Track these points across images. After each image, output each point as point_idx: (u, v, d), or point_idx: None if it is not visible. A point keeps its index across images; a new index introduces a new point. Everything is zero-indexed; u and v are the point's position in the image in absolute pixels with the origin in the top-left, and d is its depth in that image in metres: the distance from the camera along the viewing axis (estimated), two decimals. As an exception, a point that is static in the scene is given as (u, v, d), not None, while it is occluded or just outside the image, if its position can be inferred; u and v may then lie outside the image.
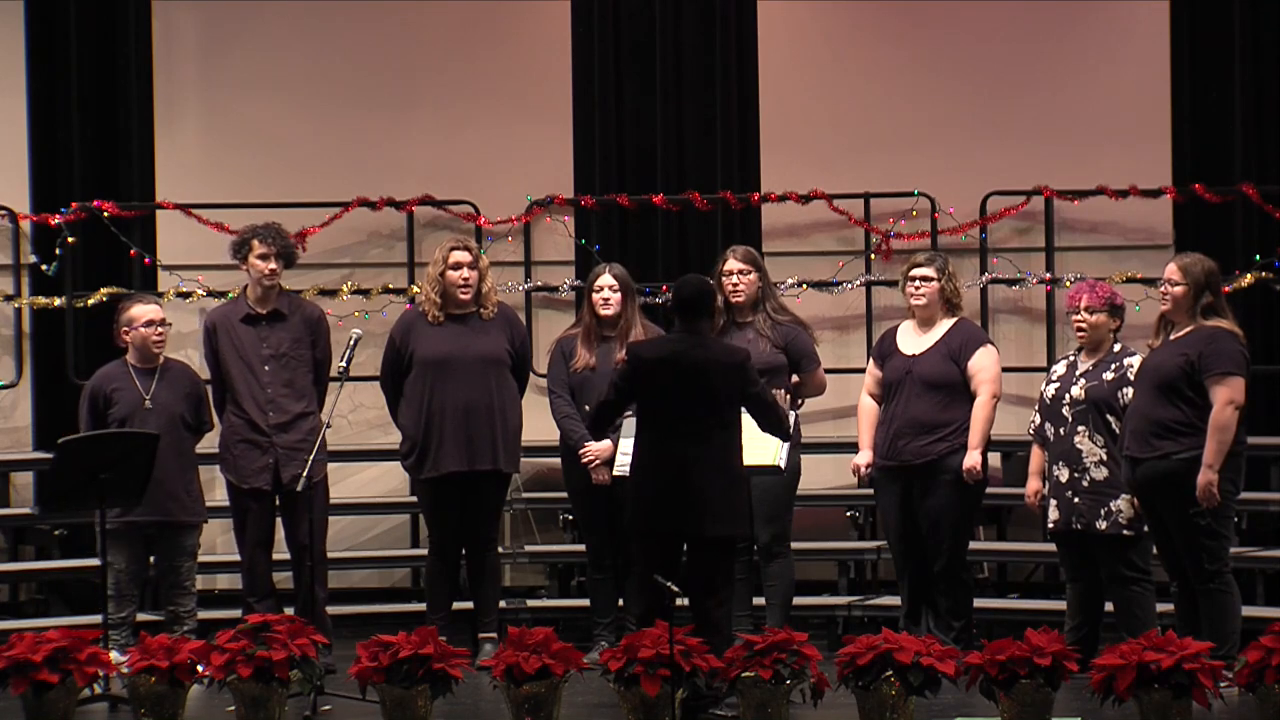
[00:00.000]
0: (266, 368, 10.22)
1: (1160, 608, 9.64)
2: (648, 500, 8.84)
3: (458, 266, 10.30)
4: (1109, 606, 9.70)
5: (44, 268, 12.13)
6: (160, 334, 10.25)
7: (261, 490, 10.22)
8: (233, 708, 8.80)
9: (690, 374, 8.80)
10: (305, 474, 9.82)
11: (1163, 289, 9.47)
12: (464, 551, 10.44)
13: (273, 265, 10.21)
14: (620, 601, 10.50)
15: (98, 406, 10.23)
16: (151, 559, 10.30)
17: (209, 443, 10.51)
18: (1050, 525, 9.77)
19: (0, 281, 12.34)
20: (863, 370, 10.62)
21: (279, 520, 10.30)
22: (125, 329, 10.27)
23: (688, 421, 8.77)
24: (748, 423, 9.21)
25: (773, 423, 8.99)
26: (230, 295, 11.72)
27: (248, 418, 10.21)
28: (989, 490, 10.36)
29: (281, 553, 10.44)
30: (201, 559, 10.47)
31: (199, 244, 12.15)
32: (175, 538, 10.19)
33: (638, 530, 8.90)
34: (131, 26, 12.47)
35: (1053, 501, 9.73)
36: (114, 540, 10.04)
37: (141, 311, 10.27)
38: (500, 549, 11.02)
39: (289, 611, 9.75)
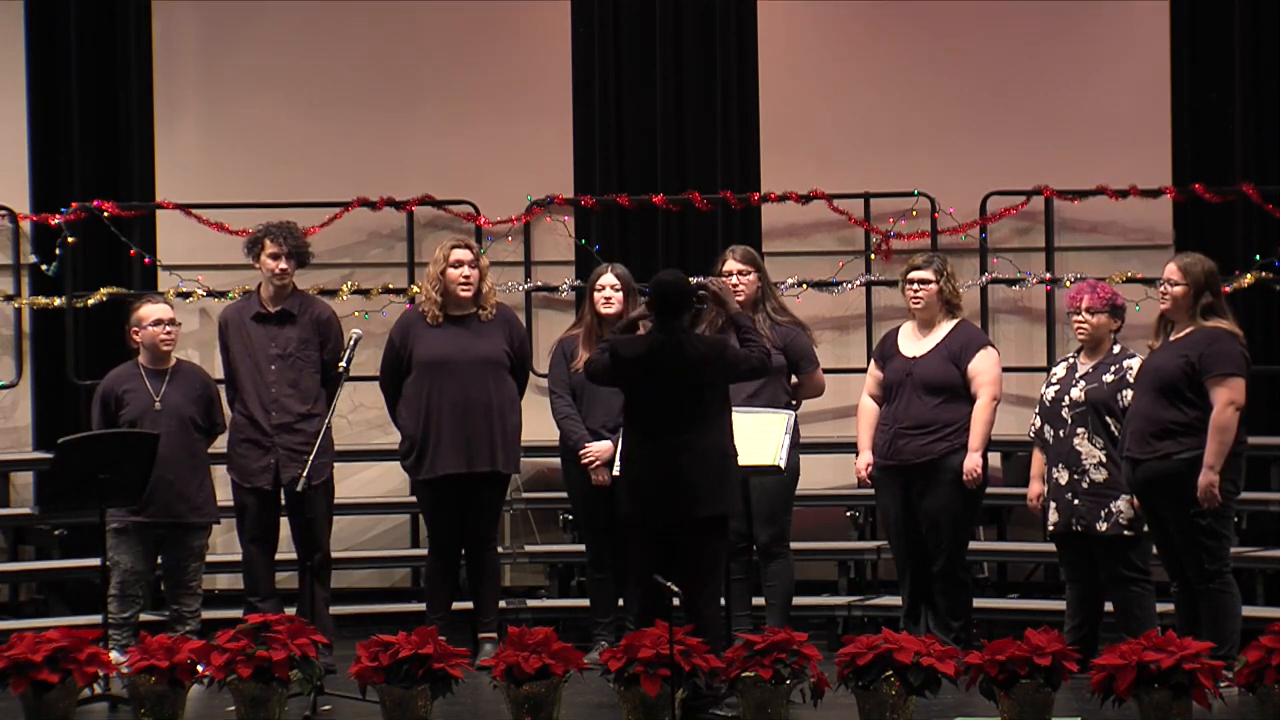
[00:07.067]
0: (273, 367, 10.22)
1: (1160, 608, 9.64)
2: (640, 494, 8.84)
3: (459, 265, 10.30)
4: (1109, 606, 9.71)
5: (44, 268, 12.12)
6: (169, 333, 10.23)
7: (262, 490, 10.22)
8: (233, 708, 8.81)
9: (673, 372, 8.79)
10: (305, 474, 9.83)
11: (1162, 289, 9.47)
12: (463, 551, 10.45)
13: (283, 265, 10.22)
14: (620, 601, 10.50)
15: (109, 408, 10.22)
16: (159, 559, 10.30)
17: (221, 443, 10.51)
18: (1050, 527, 9.77)
19: (0, 281, 12.34)
20: (863, 370, 10.62)
21: (283, 520, 10.31)
22: (135, 329, 10.27)
23: (673, 416, 8.78)
24: (746, 423, 9.20)
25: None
26: (230, 295, 11.73)
27: (251, 416, 10.21)
28: (989, 490, 10.35)
29: (285, 553, 10.45)
30: (202, 559, 10.48)
31: (199, 244, 12.15)
32: (184, 538, 10.18)
33: (631, 524, 8.90)
34: (131, 26, 12.45)
35: (1052, 503, 9.72)
36: (122, 540, 10.05)
37: (150, 311, 10.26)
38: (500, 549, 11.02)
39: (290, 611, 9.75)
